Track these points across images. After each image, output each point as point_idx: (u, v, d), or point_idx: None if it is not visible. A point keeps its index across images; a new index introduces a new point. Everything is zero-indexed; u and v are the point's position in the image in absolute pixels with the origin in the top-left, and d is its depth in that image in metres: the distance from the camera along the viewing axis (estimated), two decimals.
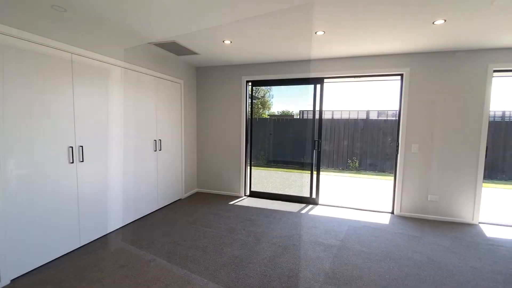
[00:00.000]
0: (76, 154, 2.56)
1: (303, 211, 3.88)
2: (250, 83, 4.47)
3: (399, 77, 3.69)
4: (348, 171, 7.62)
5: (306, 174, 4.29)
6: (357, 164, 7.69)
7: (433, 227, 3.35)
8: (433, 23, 2.52)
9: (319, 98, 4.08)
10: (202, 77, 4.65)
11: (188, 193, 4.62)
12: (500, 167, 6.38)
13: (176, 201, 4.27)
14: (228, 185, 4.65)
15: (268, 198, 4.47)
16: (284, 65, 4.14)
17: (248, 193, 4.66)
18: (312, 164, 4.23)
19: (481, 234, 3.15)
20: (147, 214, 3.62)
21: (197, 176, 4.86)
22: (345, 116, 8.09)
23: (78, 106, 2.57)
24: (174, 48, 3.52)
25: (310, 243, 2.86)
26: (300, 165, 4.70)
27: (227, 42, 3.21)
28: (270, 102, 11.02)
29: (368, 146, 7.50)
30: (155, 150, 3.72)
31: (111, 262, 2.42)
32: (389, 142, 7.17)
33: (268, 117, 10.00)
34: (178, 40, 3.18)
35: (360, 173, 7.40)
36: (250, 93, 4.51)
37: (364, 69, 3.75)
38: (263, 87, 10.99)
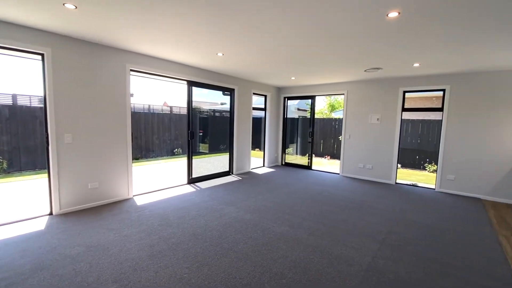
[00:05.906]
0: None
1: None
2: None
3: (40, 57, 3.15)
4: None
5: None
6: (5, 165, 5.76)
7: (96, 213, 3.45)
8: (63, 4, 2.37)
9: None
10: None
11: None
12: (151, 148, 8.34)
13: None
14: None
15: None
16: None
17: None
18: None
19: (134, 205, 3.83)
20: None
21: None
22: None
23: None
24: None
25: None
26: None
27: None
28: None
29: (21, 140, 5.89)
30: None
31: None
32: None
33: None
34: None
35: (11, 176, 5.64)
36: None
37: None
38: None
